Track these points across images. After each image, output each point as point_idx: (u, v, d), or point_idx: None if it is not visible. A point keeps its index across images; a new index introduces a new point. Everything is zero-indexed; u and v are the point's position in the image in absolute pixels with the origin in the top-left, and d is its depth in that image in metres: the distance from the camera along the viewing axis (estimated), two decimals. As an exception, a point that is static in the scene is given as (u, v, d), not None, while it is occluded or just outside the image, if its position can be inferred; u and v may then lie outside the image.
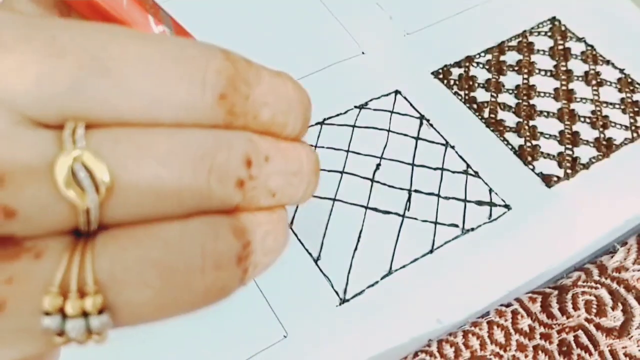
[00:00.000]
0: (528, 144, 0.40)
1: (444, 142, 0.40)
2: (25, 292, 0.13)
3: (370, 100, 0.42)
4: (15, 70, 0.12)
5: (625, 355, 0.31)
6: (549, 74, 0.44)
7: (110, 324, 0.13)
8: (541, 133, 0.41)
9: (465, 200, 0.38)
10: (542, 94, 0.43)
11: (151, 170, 0.13)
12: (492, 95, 0.43)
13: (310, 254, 0.35)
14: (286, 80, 0.15)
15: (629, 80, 0.44)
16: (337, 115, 0.41)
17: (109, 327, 0.13)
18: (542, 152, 0.40)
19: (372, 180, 0.38)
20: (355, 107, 0.42)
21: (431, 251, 0.36)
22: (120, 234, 0.13)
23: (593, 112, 0.42)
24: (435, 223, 0.37)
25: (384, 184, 0.38)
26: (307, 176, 0.16)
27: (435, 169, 0.39)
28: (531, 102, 0.42)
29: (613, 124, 0.41)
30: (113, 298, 0.13)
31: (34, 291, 0.13)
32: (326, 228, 0.36)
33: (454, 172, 0.39)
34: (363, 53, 0.45)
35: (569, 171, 0.39)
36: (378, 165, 0.39)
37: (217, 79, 0.13)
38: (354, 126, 0.41)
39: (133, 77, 0.13)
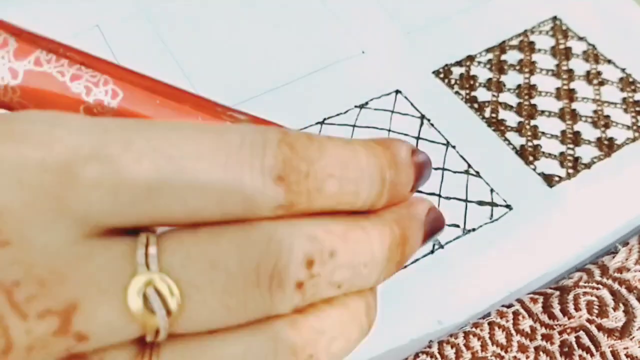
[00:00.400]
0: (529, 143, 0.40)
1: (444, 141, 0.40)
2: None
3: (371, 99, 0.42)
4: (92, 184, 0.12)
5: (627, 356, 0.31)
6: (550, 73, 0.44)
7: None
8: (543, 133, 0.41)
9: (466, 200, 0.37)
10: (543, 94, 0.43)
11: (219, 287, 0.13)
12: (493, 95, 0.43)
13: (310, 254, 0.35)
14: (357, 147, 0.15)
15: (631, 79, 0.44)
16: (338, 114, 0.41)
17: None
18: (543, 152, 0.40)
19: (373, 180, 0.38)
20: (356, 106, 0.42)
21: (432, 251, 0.35)
22: (183, 349, 0.13)
23: (595, 111, 0.42)
24: (436, 223, 0.36)
25: (385, 184, 0.38)
26: (380, 265, 0.15)
27: (436, 168, 0.39)
28: (532, 101, 0.42)
29: (615, 124, 0.41)
30: None
31: None
32: (326, 228, 0.36)
33: (454, 172, 0.39)
34: (363, 52, 0.45)
35: (570, 171, 0.39)
36: (378, 165, 0.39)
37: (274, 162, 0.13)
38: (354, 126, 0.41)
39: (203, 172, 0.13)
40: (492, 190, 0.38)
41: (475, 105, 0.42)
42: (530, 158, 0.39)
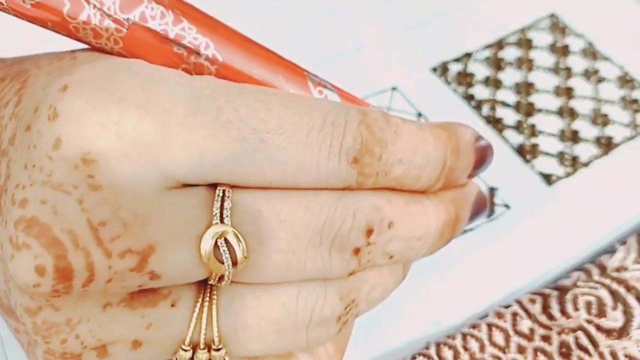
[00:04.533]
0: (528, 142, 0.40)
1: (442, 139, 0.40)
2: (160, 338, 0.15)
3: (367, 97, 0.41)
4: (183, 145, 0.13)
5: (626, 356, 0.31)
6: (548, 70, 0.44)
7: None
8: (541, 131, 0.40)
9: (463, 199, 0.37)
10: (541, 91, 0.42)
11: (283, 245, 0.14)
12: (491, 92, 0.42)
13: (306, 254, 0.35)
14: (427, 134, 0.16)
15: (629, 77, 0.43)
16: (334, 112, 0.41)
17: None
18: (541, 150, 0.39)
19: (369, 179, 0.38)
20: (352, 104, 0.41)
21: (429, 251, 0.35)
22: (245, 293, 0.15)
23: (593, 109, 0.42)
24: (434, 222, 0.36)
25: (381, 183, 0.38)
26: (431, 239, 0.16)
27: (433, 167, 0.38)
28: (530, 99, 0.42)
29: (613, 122, 0.41)
30: (232, 348, 0.15)
31: (167, 338, 0.15)
32: (322, 228, 0.36)
33: (452, 170, 0.38)
34: (359, 49, 0.44)
35: (569, 169, 0.39)
36: (375, 163, 0.39)
37: (352, 144, 0.14)
38: (350, 123, 0.40)
39: (283, 148, 0.14)
40: (490, 189, 0.38)
41: (473, 103, 0.42)
42: (529, 156, 0.39)
